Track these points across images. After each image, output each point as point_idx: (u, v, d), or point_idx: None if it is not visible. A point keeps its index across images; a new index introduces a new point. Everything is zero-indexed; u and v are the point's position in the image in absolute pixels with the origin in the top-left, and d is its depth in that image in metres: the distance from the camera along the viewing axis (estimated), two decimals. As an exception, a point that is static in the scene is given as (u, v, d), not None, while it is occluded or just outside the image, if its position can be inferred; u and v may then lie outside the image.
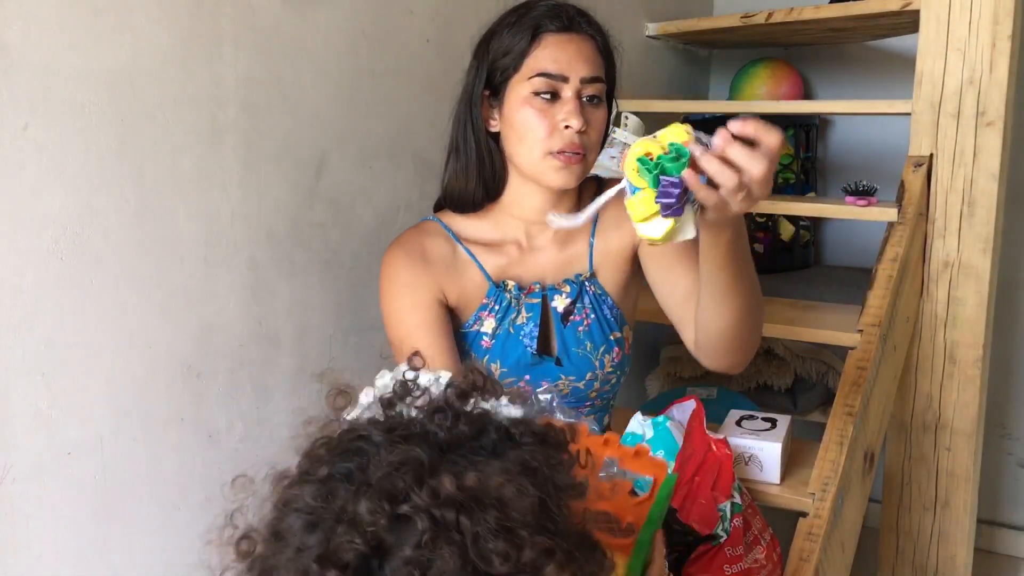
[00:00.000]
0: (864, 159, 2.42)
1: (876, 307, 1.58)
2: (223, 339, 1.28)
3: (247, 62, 1.27)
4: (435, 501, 0.55)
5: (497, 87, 1.20)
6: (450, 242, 1.26)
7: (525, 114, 1.17)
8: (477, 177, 1.23)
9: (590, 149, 1.18)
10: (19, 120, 1.02)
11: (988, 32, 1.66)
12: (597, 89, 1.18)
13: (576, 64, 1.16)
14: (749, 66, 2.36)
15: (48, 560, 1.10)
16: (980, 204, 1.70)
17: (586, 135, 1.17)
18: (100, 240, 1.12)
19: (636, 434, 1.33)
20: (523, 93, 1.17)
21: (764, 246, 2.29)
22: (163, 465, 1.22)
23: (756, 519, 1.34)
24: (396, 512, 0.56)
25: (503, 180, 1.24)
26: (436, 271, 1.23)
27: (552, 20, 1.16)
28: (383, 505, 0.56)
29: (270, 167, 1.32)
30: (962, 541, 1.82)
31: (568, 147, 1.16)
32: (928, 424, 1.80)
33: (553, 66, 1.15)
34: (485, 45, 1.22)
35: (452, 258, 1.25)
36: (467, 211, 1.26)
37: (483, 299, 1.25)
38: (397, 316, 1.22)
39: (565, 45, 1.16)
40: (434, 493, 0.56)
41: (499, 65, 1.19)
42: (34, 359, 1.06)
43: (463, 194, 1.25)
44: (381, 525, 0.55)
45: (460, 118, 1.24)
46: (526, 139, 1.17)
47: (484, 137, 1.23)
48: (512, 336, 1.24)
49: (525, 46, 1.17)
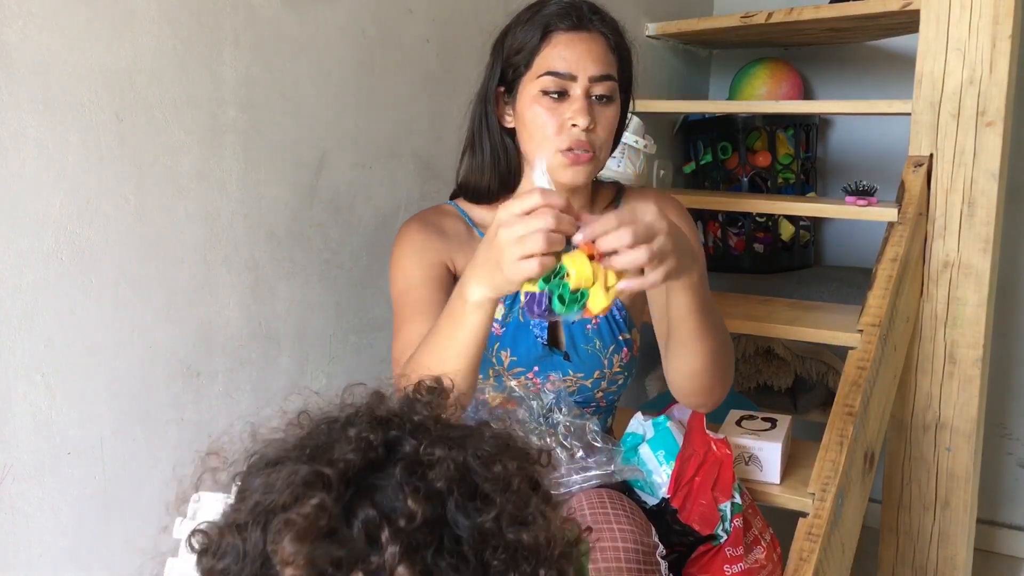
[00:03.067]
0: (864, 159, 2.42)
1: (876, 307, 1.58)
2: (223, 339, 1.28)
3: (247, 62, 1.27)
4: (423, 436, 0.57)
5: (511, 84, 1.21)
6: (465, 224, 1.29)
7: (534, 112, 1.18)
8: (492, 171, 1.25)
9: (600, 147, 1.19)
10: (19, 120, 1.02)
11: (988, 32, 1.66)
12: (607, 88, 1.18)
13: (585, 63, 1.16)
14: (749, 66, 2.36)
15: (48, 560, 1.10)
16: (980, 204, 1.70)
17: (594, 133, 1.18)
18: (100, 240, 1.12)
19: (636, 434, 1.33)
20: (533, 91, 1.18)
21: (764, 246, 2.29)
22: (163, 465, 1.22)
23: (756, 519, 1.34)
24: (387, 436, 0.57)
25: (518, 174, 1.26)
26: (450, 243, 1.25)
27: (563, 19, 1.17)
28: (376, 431, 0.57)
29: (270, 167, 1.32)
30: (962, 541, 1.82)
31: (576, 145, 1.16)
32: (928, 424, 1.80)
33: (562, 64, 1.16)
34: (500, 42, 1.23)
35: (467, 236, 1.27)
36: (483, 202, 1.29)
37: None
38: (403, 272, 1.23)
39: (575, 44, 1.17)
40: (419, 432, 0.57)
41: (512, 62, 1.20)
42: (34, 359, 1.06)
43: (479, 187, 1.27)
44: (373, 439, 0.56)
45: (476, 114, 1.26)
46: (535, 136, 1.19)
47: (499, 133, 1.24)
48: (523, 326, 1.25)
49: (535, 44, 1.18)
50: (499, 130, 1.24)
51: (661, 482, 1.27)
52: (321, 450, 0.56)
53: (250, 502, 0.56)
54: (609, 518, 1.11)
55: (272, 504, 0.54)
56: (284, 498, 0.53)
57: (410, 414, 0.60)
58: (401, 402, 0.63)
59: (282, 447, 0.59)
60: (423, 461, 0.56)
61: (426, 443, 0.57)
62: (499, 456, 0.58)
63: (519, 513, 0.56)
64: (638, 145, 1.89)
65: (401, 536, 0.52)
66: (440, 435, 0.58)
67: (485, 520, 0.54)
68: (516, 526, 0.56)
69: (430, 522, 0.53)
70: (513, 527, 0.55)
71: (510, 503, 0.56)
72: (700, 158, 2.36)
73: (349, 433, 0.57)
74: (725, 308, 1.80)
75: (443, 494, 0.54)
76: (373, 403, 0.62)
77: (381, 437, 0.57)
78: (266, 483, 0.56)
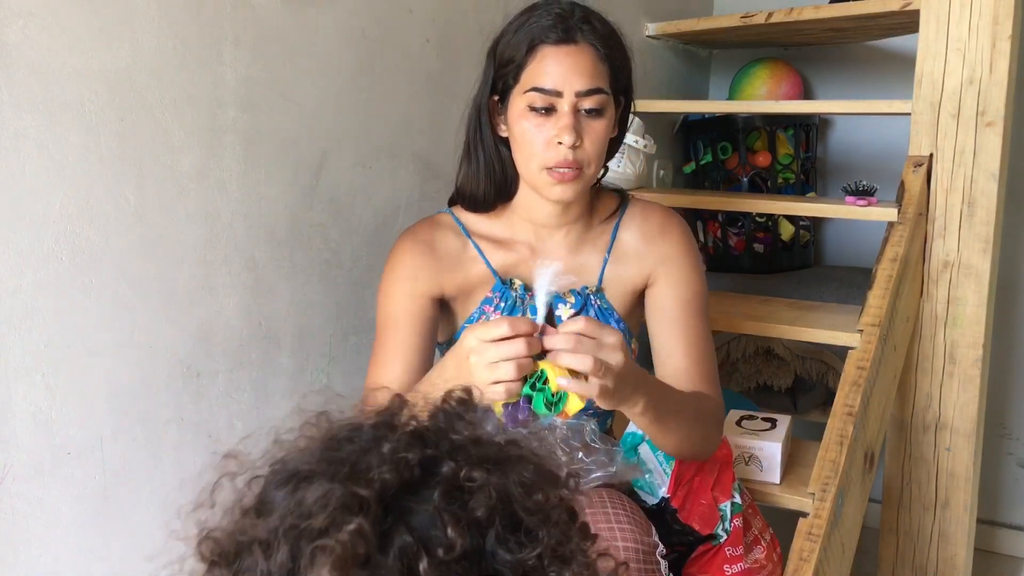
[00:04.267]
0: (864, 159, 2.42)
1: (876, 307, 1.58)
2: (223, 339, 1.28)
3: (247, 62, 1.27)
4: (462, 455, 0.54)
5: (503, 94, 1.20)
6: (460, 237, 1.27)
7: (522, 128, 1.17)
8: (488, 181, 1.24)
9: (587, 163, 1.17)
10: (19, 120, 1.02)
11: (988, 32, 1.66)
12: (595, 101, 1.15)
13: (571, 78, 1.14)
14: (749, 66, 2.36)
15: (48, 560, 1.10)
16: (980, 204, 1.70)
17: (582, 149, 1.16)
18: (100, 240, 1.12)
19: (637, 433, 1.33)
20: (521, 106, 1.16)
21: (764, 246, 2.29)
22: (163, 465, 1.22)
23: (756, 519, 1.34)
24: (424, 455, 0.53)
25: (515, 183, 1.25)
26: (440, 265, 1.25)
27: (550, 31, 1.14)
28: (412, 449, 0.53)
29: (270, 167, 1.32)
30: (962, 541, 1.82)
31: (561, 163, 1.15)
32: (928, 424, 1.80)
33: (548, 80, 1.14)
34: (494, 48, 1.21)
35: (460, 252, 1.26)
36: (479, 211, 1.27)
37: (488, 293, 1.25)
38: (389, 299, 1.24)
39: (561, 58, 1.14)
40: (456, 452, 0.54)
41: (501, 74, 1.19)
42: (34, 359, 1.06)
43: (475, 196, 1.26)
44: (410, 458, 0.52)
45: (472, 122, 1.25)
46: (523, 152, 1.18)
47: (493, 143, 1.23)
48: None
49: (522, 59, 1.16)
50: (493, 140, 1.23)
51: (661, 482, 1.27)
52: (353, 467, 0.53)
53: (274, 518, 0.53)
54: (609, 518, 1.11)
55: (307, 527, 0.51)
56: (319, 522, 0.50)
57: (447, 431, 0.57)
58: (435, 415, 0.59)
59: (308, 459, 0.55)
60: (463, 487, 0.53)
61: (466, 466, 0.53)
62: (540, 484, 0.55)
63: (561, 549, 0.53)
64: (638, 145, 1.89)
65: (440, 568, 0.49)
66: (479, 456, 0.55)
67: (528, 557, 0.52)
68: (558, 564, 0.53)
69: (469, 554, 0.50)
70: (555, 565, 0.53)
71: (552, 538, 0.53)
72: (700, 158, 2.36)
73: (383, 449, 0.54)
74: (725, 308, 1.81)
75: (483, 524, 0.52)
76: (397, 409, 0.59)
77: (418, 456, 0.54)
78: (295, 501, 0.53)
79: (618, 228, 1.29)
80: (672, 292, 1.26)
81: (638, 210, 1.31)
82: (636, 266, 1.28)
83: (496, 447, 0.57)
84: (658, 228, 1.29)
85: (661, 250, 1.28)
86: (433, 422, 0.59)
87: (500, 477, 0.54)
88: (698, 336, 1.25)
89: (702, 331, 1.26)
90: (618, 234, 1.29)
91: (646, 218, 1.30)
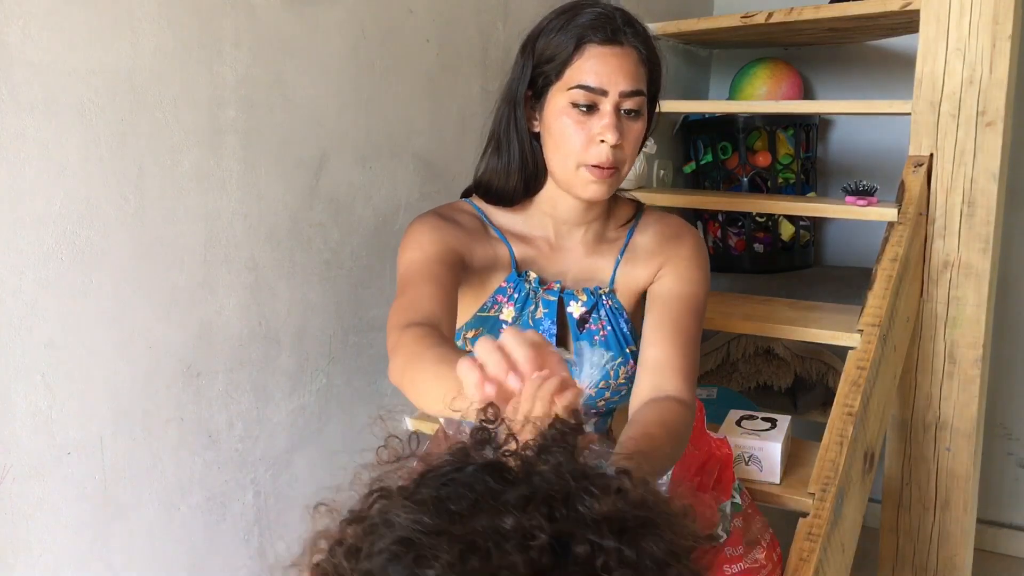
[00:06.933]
0: (864, 159, 2.43)
1: (876, 307, 1.58)
2: (223, 339, 1.28)
3: (247, 62, 1.27)
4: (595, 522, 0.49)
5: (540, 91, 1.20)
6: (482, 222, 1.28)
7: (562, 124, 1.17)
8: (519, 176, 1.24)
9: (623, 162, 1.19)
10: (19, 120, 1.02)
11: (988, 32, 1.66)
12: (636, 103, 1.17)
13: (617, 78, 1.15)
14: (749, 66, 2.36)
15: (48, 560, 1.10)
16: (980, 204, 1.70)
17: (621, 149, 1.17)
18: (100, 240, 1.12)
19: (636, 434, 1.33)
20: (562, 103, 1.17)
21: (764, 246, 2.30)
22: (163, 465, 1.22)
23: (756, 519, 1.34)
24: (554, 529, 0.48)
25: (543, 178, 1.25)
26: (465, 234, 1.23)
27: (597, 31, 1.15)
28: (536, 518, 0.47)
29: (270, 167, 1.32)
30: (962, 541, 1.82)
31: (603, 162, 1.16)
32: (928, 424, 1.80)
33: (594, 79, 1.15)
34: (531, 45, 1.20)
35: (483, 232, 1.26)
36: (503, 204, 1.27)
37: (502, 282, 1.25)
38: (411, 255, 1.20)
39: (608, 58, 1.15)
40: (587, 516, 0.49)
41: (542, 70, 1.19)
42: (34, 359, 1.06)
43: (502, 190, 1.25)
44: (540, 538, 0.47)
45: (503, 115, 1.24)
46: (561, 148, 1.18)
47: (527, 138, 1.23)
48: (532, 329, 1.24)
49: (568, 55, 1.16)
50: (528, 135, 1.23)
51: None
52: (474, 546, 0.47)
53: None
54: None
55: None
56: None
57: (577, 496, 0.50)
58: (545, 448, 0.53)
59: (415, 520, 0.49)
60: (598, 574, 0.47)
61: (602, 554, 0.48)
62: (672, 560, 0.50)
63: None
64: (638, 145, 1.89)
65: None
66: (612, 530, 0.49)
67: None
68: None
69: None
70: None
71: None
72: (700, 158, 2.36)
73: (505, 523, 0.48)
74: (725, 308, 1.81)
75: None
76: (494, 430, 0.53)
77: (547, 533, 0.47)
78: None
79: (633, 232, 1.31)
80: (673, 285, 1.27)
81: (654, 218, 1.33)
82: (645, 266, 1.29)
83: (627, 514, 0.51)
84: (673, 233, 1.31)
85: (672, 251, 1.29)
86: (549, 465, 0.53)
87: (633, 553, 0.48)
88: (687, 334, 1.24)
89: (692, 330, 1.25)
90: (632, 238, 1.30)
91: (661, 225, 1.31)
